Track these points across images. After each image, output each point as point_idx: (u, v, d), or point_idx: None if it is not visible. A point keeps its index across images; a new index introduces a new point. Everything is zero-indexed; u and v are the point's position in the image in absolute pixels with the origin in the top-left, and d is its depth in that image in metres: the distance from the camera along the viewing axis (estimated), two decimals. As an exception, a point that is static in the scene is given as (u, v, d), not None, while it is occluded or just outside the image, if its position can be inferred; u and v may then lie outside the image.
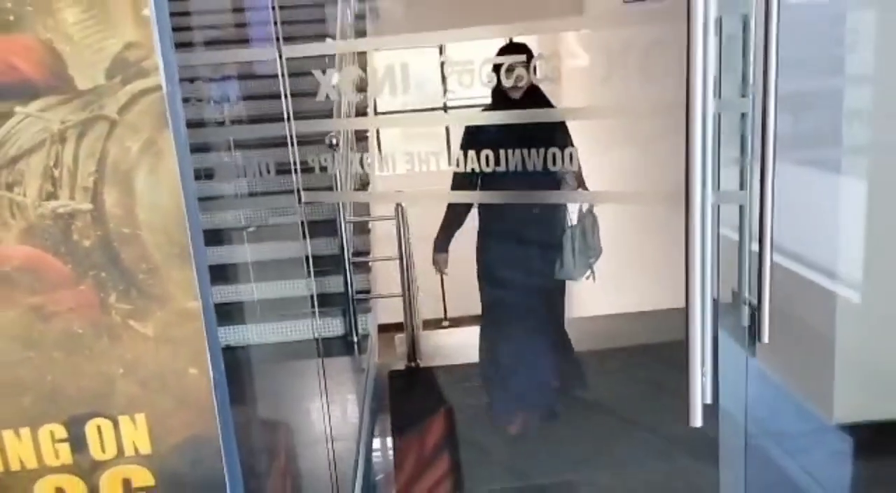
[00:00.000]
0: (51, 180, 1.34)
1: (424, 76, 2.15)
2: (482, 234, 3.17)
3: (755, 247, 1.63)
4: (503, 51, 2.28)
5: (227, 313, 3.46)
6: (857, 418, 2.63)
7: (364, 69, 2.02)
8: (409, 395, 3.29)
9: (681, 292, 1.34)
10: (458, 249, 6.24)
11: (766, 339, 1.60)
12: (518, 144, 1.83)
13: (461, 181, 2.44)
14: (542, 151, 1.78)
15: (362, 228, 4.00)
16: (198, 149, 1.48)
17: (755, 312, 1.68)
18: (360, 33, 4.84)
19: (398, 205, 3.48)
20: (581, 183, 2.92)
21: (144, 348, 1.42)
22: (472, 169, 1.88)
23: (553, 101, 2.45)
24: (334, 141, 2.78)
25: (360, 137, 3.70)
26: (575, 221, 3.05)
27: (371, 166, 2.12)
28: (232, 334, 3.43)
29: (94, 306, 1.40)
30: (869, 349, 2.68)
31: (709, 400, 1.32)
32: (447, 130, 3.53)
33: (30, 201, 1.33)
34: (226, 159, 2.62)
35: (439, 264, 3.22)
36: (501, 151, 1.82)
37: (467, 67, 1.97)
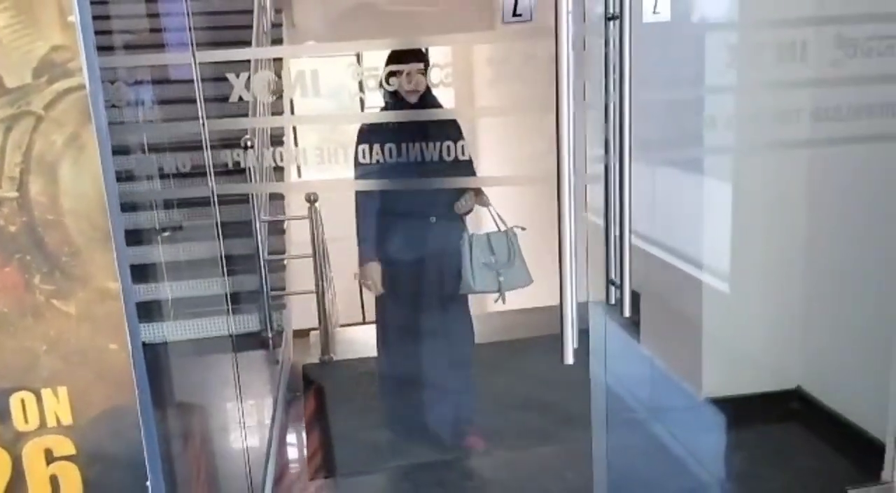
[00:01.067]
0: (-22, 171, 1.44)
1: (340, 82, 2.31)
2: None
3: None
4: (399, 57, 2.34)
5: (146, 312, 3.52)
6: (721, 393, 2.96)
7: (279, 75, 2.17)
8: (321, 385, 3.43)
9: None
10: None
11: (627, 313, 1.84)
12: (412, 140, 2.02)
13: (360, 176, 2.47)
14: (436, 144, 1.98)
15: (278, 229, 4.12)
16: (116, 151, 1.60)
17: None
18: (277, 41, 5.00)
19: (311, 205, 3.62)
20: (479, 191, 2.91)
21: (67, 325, 1.54)
22: (377, 160, 2.05)
23: (449, 102, 2.65)
24: (249, 143, 2.91)
25: (276, 141, 3.83)
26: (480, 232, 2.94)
27: (286, 161, 2.24)
28: (150, 332, 3.48)
29: (18, 287, 1.50)
30: (732, 332, 3.01)
31: (576, 345, 1.59)
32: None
33: (-42, 189, 1.43)
34: (143, 161, 2.71)
35: (370, 277, 2.91)
36: (396, 147, 2.01)
37: (373, 74, 2.17)
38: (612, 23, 1.79)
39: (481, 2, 4.99)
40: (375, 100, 2.41)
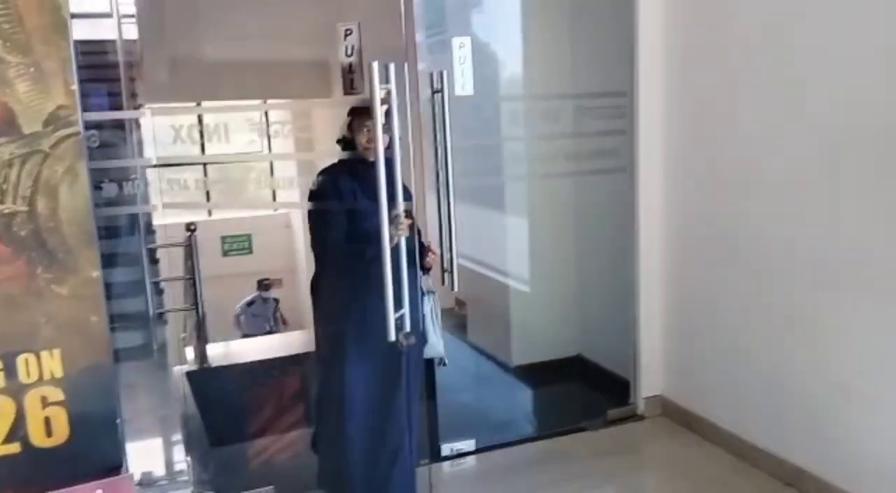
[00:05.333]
0: (0, 192, 1.98)
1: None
2: (324, 279, 2.59)
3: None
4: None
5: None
6: (526, 361, 3.89)
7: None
8: (199, 387, 3.93)
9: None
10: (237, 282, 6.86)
11: (456, 288, 2.65)
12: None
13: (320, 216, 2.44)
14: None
15: (153, 260, 4.58)
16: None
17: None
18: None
19: (191, 234, 4.15)
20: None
21: (61, 303, 2.07)
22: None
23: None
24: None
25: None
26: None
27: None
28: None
29: (26, 276, 2.02)
30: (531, 318, 3.96)
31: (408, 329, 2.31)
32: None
33: (-15, 206, 1.96)
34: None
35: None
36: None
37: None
38: (436, 95, 2.63)
39: (320, 73, 5.71)
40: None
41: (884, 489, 2.37)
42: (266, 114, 3.05)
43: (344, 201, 2.39)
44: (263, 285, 6.85)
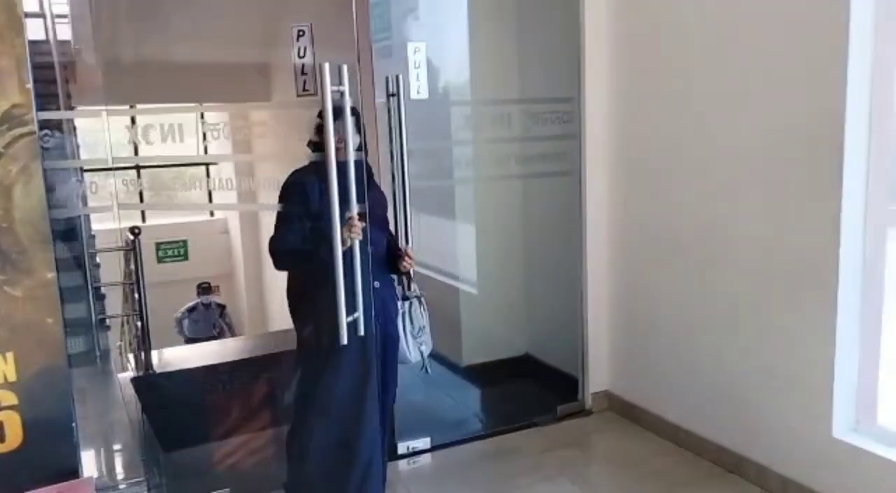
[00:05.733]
0: (-48, 191, 1.93)
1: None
2: (293, 280, 2.54)
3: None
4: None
5: None
6: (475, 361, 3.96)
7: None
8: (146, 393, 3.86)
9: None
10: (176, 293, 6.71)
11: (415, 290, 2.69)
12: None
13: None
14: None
15: (93, 265, 4.48)
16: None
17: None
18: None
19: (135, 238, 4.08)
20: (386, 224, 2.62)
21: (14, 305, 2.02)
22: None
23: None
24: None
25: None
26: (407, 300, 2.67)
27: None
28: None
29: (-23, 278, 1.98)
30: (480, 320, 4.04)
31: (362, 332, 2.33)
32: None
33: (-60, 204, 1.90)
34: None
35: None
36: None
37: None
38: (392, 98, 2.68)
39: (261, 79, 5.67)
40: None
41: (816, 471, 2.53)
42: (202, 116, 3.04)
43: (311, 203, 2.35)
44: (202, 288, 6.72)
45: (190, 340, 6.37)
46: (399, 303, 2.63)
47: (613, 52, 3.24)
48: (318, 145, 2.38)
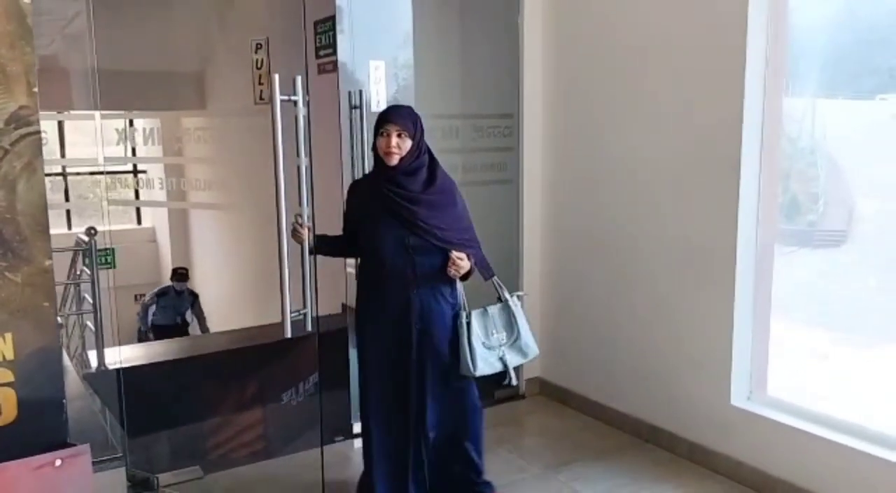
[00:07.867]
0: (-41, 184, 2.09)
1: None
2: (361, 291, 2.62)
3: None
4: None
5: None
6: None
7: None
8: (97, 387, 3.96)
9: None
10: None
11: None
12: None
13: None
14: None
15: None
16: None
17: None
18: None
19: (91, 238, 4.19)
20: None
21: (14, 290, 2.18)
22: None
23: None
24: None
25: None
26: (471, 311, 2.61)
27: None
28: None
29: (-19, 264, 2.14)
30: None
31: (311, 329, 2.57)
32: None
33: (-49, 195, 2.06)
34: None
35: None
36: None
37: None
38: (354, 110, 2.96)
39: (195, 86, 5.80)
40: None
41: (717, 435, 2.94)
42: (131, 122, 3.19)
43: (360, 206, 2.55)
44: (179, 274, 6.37)
45: (155, 327, 6.08)
46: (464, 313, 2.59)
47: (549, 75, 3.62)
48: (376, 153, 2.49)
